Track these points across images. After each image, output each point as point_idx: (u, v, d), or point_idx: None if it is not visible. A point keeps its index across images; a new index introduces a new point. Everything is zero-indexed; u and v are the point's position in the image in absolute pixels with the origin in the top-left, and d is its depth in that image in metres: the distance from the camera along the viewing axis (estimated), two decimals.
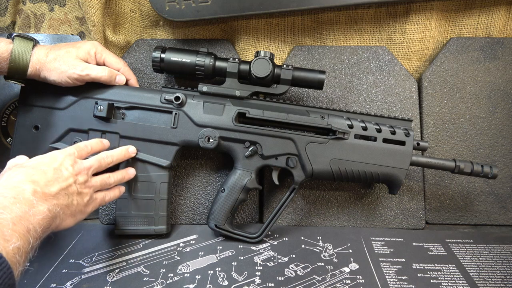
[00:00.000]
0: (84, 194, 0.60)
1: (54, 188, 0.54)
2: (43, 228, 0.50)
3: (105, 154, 0.66)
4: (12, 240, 0.44)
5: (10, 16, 0.87)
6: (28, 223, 0.48)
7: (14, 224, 0.46)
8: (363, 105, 0.87)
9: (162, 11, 0.80)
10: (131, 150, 0.72)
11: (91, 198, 0.61)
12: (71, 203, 0.57)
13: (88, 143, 0.66)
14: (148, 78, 0.87)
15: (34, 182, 0.52)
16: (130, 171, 0.72)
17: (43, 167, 0.55)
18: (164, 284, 0.65)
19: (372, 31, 0.89)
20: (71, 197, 0.57)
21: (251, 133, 0.74)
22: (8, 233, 0.45)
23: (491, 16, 0.87)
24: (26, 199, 0.49)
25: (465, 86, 0.88)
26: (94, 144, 0.66)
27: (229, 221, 0.76)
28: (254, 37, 0.89)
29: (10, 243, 0.44)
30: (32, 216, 0.49)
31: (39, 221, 0.50)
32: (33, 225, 0.49)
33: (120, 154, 0.69)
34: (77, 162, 0.60)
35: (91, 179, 0.62)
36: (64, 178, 0.56)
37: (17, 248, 0.45)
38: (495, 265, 0.72)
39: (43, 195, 0.52)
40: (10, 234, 0.45)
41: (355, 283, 0.67)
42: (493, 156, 0.87)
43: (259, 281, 0.66)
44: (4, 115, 0.84)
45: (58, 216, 0.54)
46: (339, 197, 0.86)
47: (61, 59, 0.69)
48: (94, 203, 0.63)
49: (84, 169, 0.60)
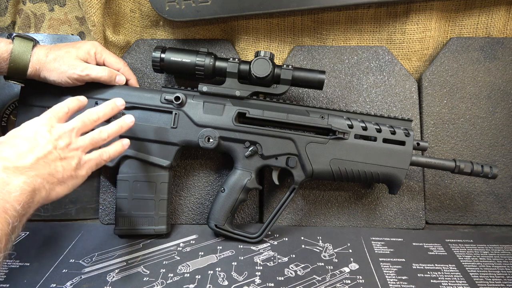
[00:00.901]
0: (69, 158, 0.54)
1: (29, 159, 0.50)
2: (23, 204, 0.47)
3: (89, 111, 0.60)
4: None
5: (10, 16, 0.87)
6: (3, 202, 0.45)
7: None
8: (363, 105, 0.87)
9: (162, 11, 0.80)
10: (119, 102, 0.64)
11: (81, 161, 0.56)
12: (55, 170, 0.52)
13: (63, 103, 0.59)
14: (148, 78, 0.87)
15: (3, 158, 0.49)
16: (128, 118, 0.64)
17: (14, 140, 0.52)
18: (164, 284, 0.65)
19: (372, 31, 0.89)
20: (53, 164, 0.52)
21: (251, 133, 0.74)
22: None
23: (491, 16, 0.87)
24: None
25: (465, 86, 0.88)
26: (70, 103, 0.59)
27: (229, 221, 0.76)
28: (254, 37, 0.89)
29: None
30: (6, 194, 0.46)
31: (17, 198, 0.46)
32: (10, 203, 0.46)
33: (107, 108, 0.62)
34: (55, 126, 0.55)
35: (77, 140, 0.56)
36: (40, 146, 0.52)
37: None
38: (495, 265, 0.72)
39: (15, 169, 0.48)
40: None
41: (355, 283, 0.67)
42: (493, 156, 0.87)
43: (259, 281, 0.66)
44: (4, 115, 0.84)
45: (42, 188, 0.50)
46: (339, 197, 0.86)
47: (61, 59, 0.69)
48: (88, 165, 0.57)
49: (64, 132, 0.55)
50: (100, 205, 0.83)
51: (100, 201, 0.83)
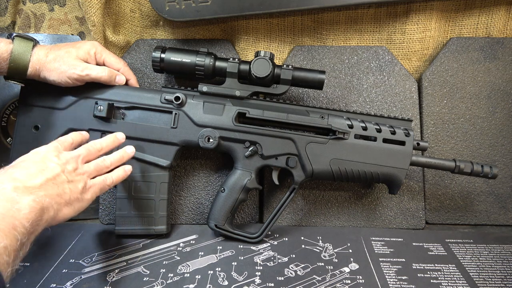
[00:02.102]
0: (76, 181, 0.57)
1: (39, 180, 0.52)
2: (32, 222, 0.48)
3: (93, 142, 0.64)
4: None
5: (10, 16, 0.87)
6: (13, 219, 0.46)
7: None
8: (363, 105, 0.87)
9: (162, 11, 0.80)
10: (120, 136, 0.69)
11: (86, 185, 0.59)
12: (63, 192, 0.54)
13: (68, 136, 0.64)
14: (148, 78, 0.87)
15: (15, 179, 0.51)
16: (129, 149, 0.68)
17: (24, 164, 0.54)
18: (164, 284, 0.65)
19: (372, 31, 0.89)
20: (61, 186, 0.54)
21: (251, 133, 0.74)
22: None
23: (491, 16, 0.87)
24: (7, 197, 0.48)
25: (465, 86, 0.88)
26: (74, 136, 0.64)
27: (229, 221, 0.76)
28: (254, 37, 0.89)
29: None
30: (16, 211, 0.47)
31: (26, 216, 0.48)
32: (20, 220, 0.47)
33: (109, 140, 0.67)
34: (62, 152, 0.59)
35: (83, 166, 0.60)
36: (49, 169, 0.54)
37: (3, 247, 0.43)
38: (495, 265, 0.72)
39: (25, 189, 0.50)
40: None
41: (355, 283, 0.67)
42: (493, 156, 0.87)
43: (259, 281, 0.66)
44: (4, 115, 0.84)
45: (50, 207, 0.52)
46: (339, 197, 0.86)
47: (61, 59, 0.69)
48: (93, 189, 0.60)
49: (71, 158, 0.58)
50: (100, 205, 0.83)
51: (100, 201, 0.83)
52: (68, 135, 0.64)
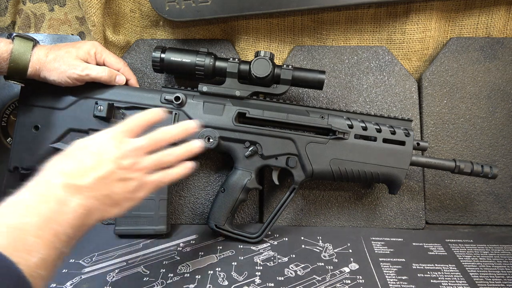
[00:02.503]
0: (129, 179, 0.50)
1: (89, 178, 0.46)
2: (75, 229, 0.44)
3: (161, 130, 0.54)
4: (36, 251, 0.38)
5: (10, 16, 0.87)
6: (56, 225, 0.41)
7: (40, 228, 0.40)
8: (363, 105, 0.87)
9: (162, 11, 0.80)
10: (192, 125, 0.57)
11: (140, 183, 0.51)
12: (113, 192, 0.49)
13: (139, 114, 0.54)
14: (148, 78, 0.87)
15: (65, 174, 0.45)
16: (196, 143, 0.57)
17: (81, 154, 0.48)
18: (164, 284, 0.65)
19: (372, 31, 0.89)
20: (112, 186, 0.48)
21: (251, 133, 0.74)
22: (31, 242, 0.38)
23: (491, 16, 0.87)
24: (55, 196, 0.43)
25: (465, 86, 0.88)
26: (148, 114, 0.54)
27: (229, 221, 0.76)
28: (254, 37, 0.89)
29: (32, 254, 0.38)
30: (61, 215, 0.42)
31: (70, 221, 0.43)
32: (63, 226, 0.42)
33: (179, 129, 0.56)
34: (124, 141, 0.51)
35: (142, 160, 0.51)
36: (104, 165, 0.48)
37: (41, 259, 0.38)
38: (495, 265, 0.72)
39: (75, 189, 0.45)
40: (33, 243, 0.38)
41: (355, 283, 0.67)
42: (493, 156, 0.87)
43: (259, 281, 0.66)
44: (4, 115, 0.84)
45: (96, 210, 0.47)
46: (339, 197, 0.86)
47: (61, 59, 0.69)
48: (148, 187, 0.53)
49: (131, 150, 0.50)
50: None
51: None
52: (143, 114, 0.54)
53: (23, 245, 0.38)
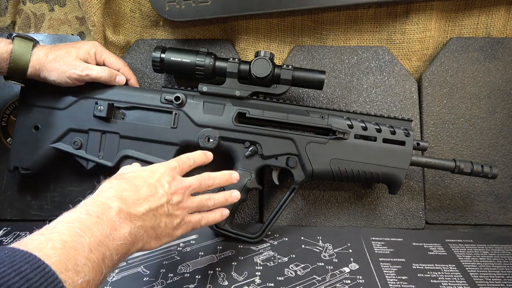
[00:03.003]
0: (175, 216, 0.53)
1: (142, 208, 0.48)
2: (119, 255, 0.44)
3: (207, 175, 0.60)
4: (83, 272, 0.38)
5: (10, 16, 0.87)
6: (105, 249, 0.42)
7: (91, 251, 0.40)
8: (363, 105, 0.87)
9: (162, 11, 0.80)
10: (234, 176, 0.63)
11: (182, 221, 0.55)
12: (158, 226, 0.51)
13: (191, 155, 0.60)
14: (148, 78, 0.87)
15: (123, 199, 0.47)
16: (235, 194, 0.62)
17: (137, 182, 0.51)
18: (164, 284, 0.65)
19: (372, 31, 0.89)
20: (159, 219, 0.51)
21: (251, 133, 0.74)
22: (81, 263, 0.39)
23: (491, 16, 0.88)
24: (109, 220, 0.44)
25: (465, 86, 0.88)
26: (197, 157, 0.61)
27: (229, 221, 0.76)
28: (254, 37, 0.89)
29: (80, 275, 0.38)
30: (111, 241, 0.43)
31: (118, 247, 0.44)
32: (110, 251, 0.43)
33: (223, 177, 0.61)
34: (176, 179, 0.55)
35: (188, 199, 0.55)
36: (156, 197, 0.51)
37: (86, 282, 0.38)
38: (495, 265, 0.72)
39: (128, 216, 0.46)
40: (83, 264, 0.39)
41: (355, 283, 0.67)
42: (493, 156, 0.87)
43: (259, 281, 0.66)
44: (4, 115, 0.84)
45: (140, 240, 0.48)
46: (339, 197, 0.86)
47: (61, 59, 0.69)
48: (186, 226, 0.56)
49: (181, 188, 0.54)
50: None
51: None
52: (191, 155, 0.60)
53: (73, 265, 0.38)
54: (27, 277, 0.34)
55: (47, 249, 0.37)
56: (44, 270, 0.35)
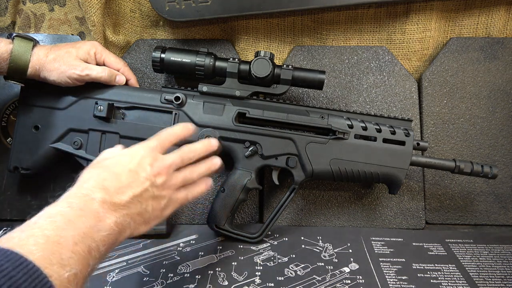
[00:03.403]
0: (161, 197, 0.52)
1: (126, 196, 0.47)
2: (107, 246, 0.44)
3: (188, 148, 0.57)
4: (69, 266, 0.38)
5: (10, 16, 0.87)
6: (91, 241, 0.41)
7: (76, 243, 0.40)
8: (363, 105, 0.87)
9: (162, 11, 0.80)
10: (213, 142, 0.60)
11: (169, 200, 0.53)
12: (145, 210, 0.49)
13: (171, 130, 0.57)
14: (148, 78, 0.87)
15: (105, 189, 0.46)
16: (215, 160, 0.60)
17: (118, 169, 0.49)
18: (164, 284, 0.65)
19: (372, 31, 0.89)
20: (145, 203, 0.49)
21: (251, 133, 0.74)
22: (67, 256, 0.38)
23: (491, 16, 0.88)
24: (93, 211, 0.43)
25: (465, 86, 0.88)
26: (178, 131, 0.57)
27: (229, 221, 0.76)
28: (254, 37, 0.89)
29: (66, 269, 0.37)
30: (96, 232, 0.42)
31: (104, 238, 0.43)
32: (96, 243, 0.42)
33: (203, 148, 0.59)
34: (157, 159, 0.52)
35: (172, 177, 0.53)
36: (139, 182, 0.49)
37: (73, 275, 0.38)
38: (495, 265, 0.72)
39: (112, 205, 0.45)
40: (68, 257, 0.38)
41: (355, 283, 0.67)
42: (493, 156, 0.87)
43: (259, 281, 0.66)
44: (4, 115, 0.84)
45: (128, 228, 0.47)
46: (339, 197, 0.86)
47: (61, 59, 0.69)
48: (174, 205, 0.54)
49: (164, 168, 0.52)
50: None
51: None
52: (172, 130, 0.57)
53: (58, 259, 0.37)
54: (9, 275, 0.33)
55: (29, 246, 0.37)
56: (27, 267, 0.35)
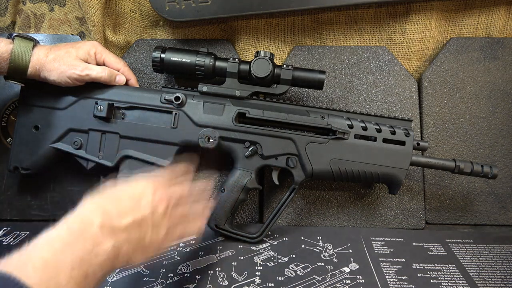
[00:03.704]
0: (161, 226, 0.51)
1: (125, 220, 0.46)
2: (103, 271, 0.43)
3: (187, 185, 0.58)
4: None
5: (10, 16, 0.87)
6: (88, 266, 0.41)
7: (73, 268, 0.39)
8: (363, 105, 0.87)
9: (162, 11, 0.80)
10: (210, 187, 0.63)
11: (168, 232, 0.52)
12: (143, 238, 0.48)
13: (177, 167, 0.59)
14: (148, 78, 0.87)
15: (105, 213, 0.46)
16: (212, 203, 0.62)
17: (119, 193, 0.49)
18: (164, 284, 0.65)
19: (372, 31, 0.89)
20: (144, 231, 0.49)
21: (251, 133, 0.74)
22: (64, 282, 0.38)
23: (491, 16, 0.87)
24: (91, 235, 0.43)
25: (465, 86, 0.88)
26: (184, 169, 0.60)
27: (229, 221, 0.76)
28: (254, 37, 0.89)
29: None
30: (94, 257, 0.42)
31: (101, 263, 0.42)
32: (93, 268, 0.41)
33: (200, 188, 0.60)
34: (160, 189, 0.52)
35: (172, 210, 0.53)
36: (140, 209, 0.49)
37: None
38: (495, 265, 0.72)
39: (110, 229, 0.45)
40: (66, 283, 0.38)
41: (355, 283, 0.67)
42: (493, 156, 0.87)
43: (259, 281, 0.66)
44: (4, 115, 0.84)
45: (125, 254, 0.46)
46: (339, 197, 0.86)
47: (61, 59, 0.69)
48: (171, 238, 0.53)
49: (166, 198, 0.52)
50: None
51: None
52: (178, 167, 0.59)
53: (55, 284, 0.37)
54: None
55: (27, 270, 0.37)
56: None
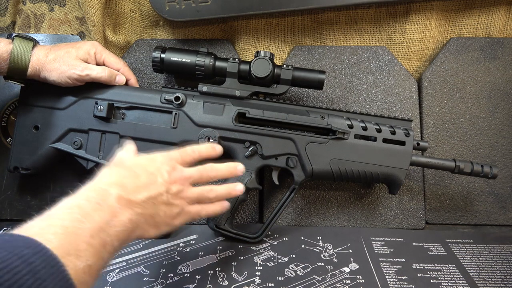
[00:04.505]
0: (174, 205, 0.53)
1: (142, 196, 0.48)
2: (120, 242, 0.45)
3: (210, 166, 0.58)
4: (85, 257, 0.39)
5: (10, 16, 0.87)
6: (106, 235, 0.42)
7: (92, 236, 0.41)
8: (363, 105, 0.87)
9: (162, 11, 0.80)
10: (240, 168, 0.61)
11: (182, 211, 0.54)
12: (157, 214, 0.51)
13: (196, 148, 0.58)
14: (148, 78, 0.87)
15: (122, 186, 0.47)
16: (239, 187, 0.60)
17: (137, 169, 0.51)
18: (164, 284, 0.65)
19: (372, 31, 0.89)
20: (158, 207, 0.51)
21: (251, 133, 0.74)
22: (83, 248, 0.39)
23: (491, 16, 0.88)
24: (109, 206, 0.44)
25: (465, 86, 0.88)
26: (203, 150, 0.59)
27: (229, 221, 0.76)
28: (254, 37, 0.89)
29: (81, 260, 0.38)
30: (112, 227, 0.43)
31: (118, 234, 0.44)
32: (111, 237, 0.43)
33: (227, 169, 0.60)
34: (176, 169, 0.54)
35: (188, 190, 0.55)
36: (156, 185, 0.51)
37: (88, 266, 0.39)
38: (495, 265, 0.72)
39: (127, 203, 0.46)
40: (84, 249, 0.39)
41: (355, 283, 0.67)
42: (493, 156, 0.87)
43: (259, 281, 0.66)
44: (4, 115, 0.84)
45: (140, 227, 0.49)
46: (339, 197, 0.86)
47: (61, 60, 0.69)
48: (184, 217, 0.55)
49: (180, 179, 0.54)
50: None
51: None
52: (197, 148, 0.58)
53: (75, 250, 0.38)
54: (29, 261, 0.34)
55: (48, 234, 0.38)
56: (46, 254, 0.36)
